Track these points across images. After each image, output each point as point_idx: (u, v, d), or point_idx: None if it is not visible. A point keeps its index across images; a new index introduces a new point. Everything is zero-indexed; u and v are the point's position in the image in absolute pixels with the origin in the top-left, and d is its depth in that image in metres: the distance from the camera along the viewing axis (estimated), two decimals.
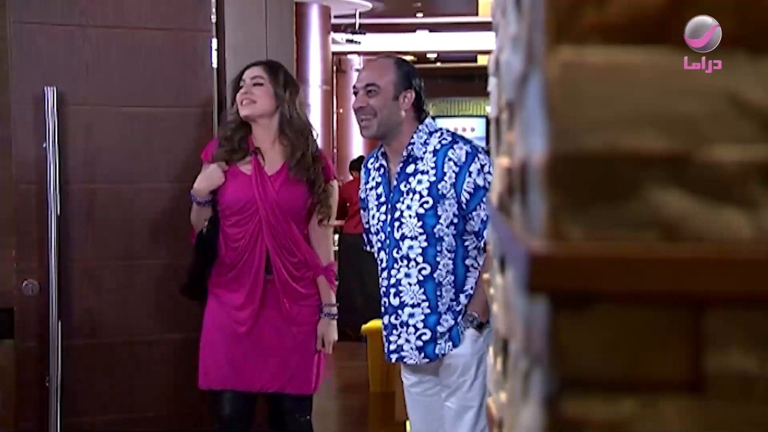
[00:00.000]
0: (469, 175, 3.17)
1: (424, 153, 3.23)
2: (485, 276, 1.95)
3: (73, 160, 3.75)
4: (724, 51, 0.94)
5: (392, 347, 3.30)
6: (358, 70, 13.57)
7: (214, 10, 4.19)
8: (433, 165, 3.21)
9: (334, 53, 12.89)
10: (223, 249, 3.60)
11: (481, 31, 14.17)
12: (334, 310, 3.66)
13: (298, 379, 3.63)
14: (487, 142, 19.39)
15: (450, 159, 3.19)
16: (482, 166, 3.19)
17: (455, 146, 3.21)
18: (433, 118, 3.58)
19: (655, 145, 0.93)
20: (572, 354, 0.92)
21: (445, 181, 3.18)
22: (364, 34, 13.52)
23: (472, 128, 22.92)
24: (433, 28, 15.66)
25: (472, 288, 3.24)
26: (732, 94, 0.93)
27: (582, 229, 0.94)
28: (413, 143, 3.25)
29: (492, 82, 1.77)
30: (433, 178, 3.20)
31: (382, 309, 3.33)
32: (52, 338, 3.66)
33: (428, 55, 18.59)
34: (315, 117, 10.44)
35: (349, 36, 13.34)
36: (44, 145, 3.66)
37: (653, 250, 0.92)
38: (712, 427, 0.92)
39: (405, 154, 3.26)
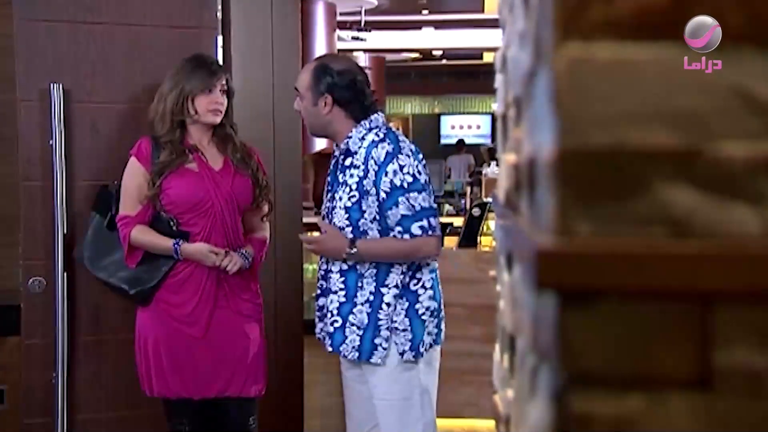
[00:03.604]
0: (386, 175, 3.23)
1: (359, 148, 3.33)
2: (491, 273, 1.95)
3: (79, 157, 3.75)
4: (732, 47, 0.93)
5: (317, 328, 3.44)
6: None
7: (219, 7, 4.19)
8: (363, 161, 3.30)
9: (339, 50, 12.88)
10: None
11: (487, 28, 14.15)
12: (250, 257, 3.57)
13: (252, 380, 3.59)
14: (493, 140, 19.38)
15: (372, 157, 3.27)
16: (401, 166, 3.24)
17: (379, 145, 3.28)
18: (438, 115, 3.63)
19: (664, 141, 0.93)
20: (580, 350, 0.92)
21: (368, 179, 3.27)
22: (370, 31, 13.49)
23: (478, 125, 22.90)
24: (439, 25, 15.64)
25: (397, 284, 3.29)
26: (740, 89, 0.93)
27: (590, 225, 0.94)
28: (351, 137, 3.35)
29: (499, 78, 1.77)
30: (361, 174, 3.29)
31: (317, 291, 3.45)
32: (59, 335, 3.67)
33: (434, 53, 18.58)
34: None
35: (355, 33, 13.32)
36: (50, 142, 3.66)
37: (661, 246, 0.92)
38: (720, 424, 0.92)
39: (343, 147, 3.38)
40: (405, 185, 3.23)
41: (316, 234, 3.57)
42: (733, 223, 0.93)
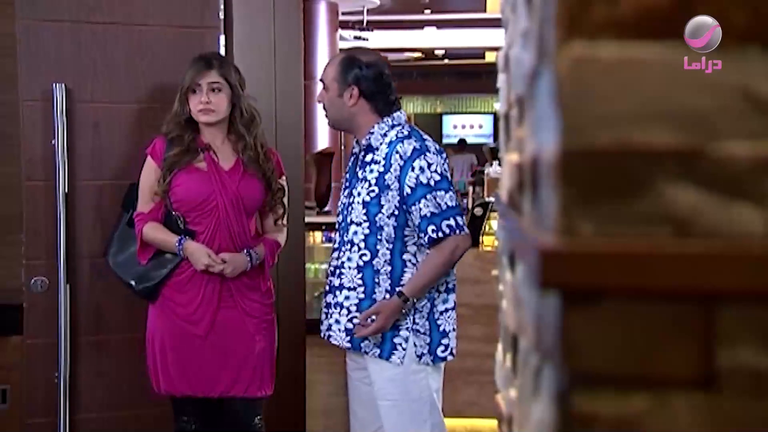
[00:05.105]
0: (412, 170, 3.22)
1: (380, 144, 3.32)
2: (493, 272, 1.95)
3: (82, 157, 3.76)
4: (735, 46, 0.93)
5: (325, 325, 3.41)
6: None
7: (222, 7, 4.19)
8: (384, 156, 3.29)
9: (341, 50, 12.87)
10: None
11: (489, 27, 14.16)
12: (256, 256, 3.57)
13: (258, 380, 3.59)
14: (495, 139, 19.36)
15: (397, 152, 3.25)
16: (429, 164, 3.23)
17: (405, 141, 3.27)
18: (440, 115, 3.61)
19: (667, 141, 0.93)
20: (583, 350, 0.92)
21: (391, 173, 3.25)
22: (372, 31, 13.50)
23: (480, 125, 22.90)
24: (441, 24, 15.66)
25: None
26: (743, 89, 0.93)
27: (593, 225, 0.94)
28: (372, 133, 3.34)
29: (501, 78, 1.76)
30: (382, 169, 3.28)
31: (326, 288, 3.43)
32: (61, 334, 3.67)
33: (436, 52, 18.59)
34: (321, 113, 10.42)
35: (357, 33, 13.32)
36: (52, 142, 3.67)
37: (664, 246, 0.92)
38: (724, 424, 0.92)
39: (364, 143, 3.36)
40: (432, 183, 3.22)
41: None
42: (736, 223, 0.92)
